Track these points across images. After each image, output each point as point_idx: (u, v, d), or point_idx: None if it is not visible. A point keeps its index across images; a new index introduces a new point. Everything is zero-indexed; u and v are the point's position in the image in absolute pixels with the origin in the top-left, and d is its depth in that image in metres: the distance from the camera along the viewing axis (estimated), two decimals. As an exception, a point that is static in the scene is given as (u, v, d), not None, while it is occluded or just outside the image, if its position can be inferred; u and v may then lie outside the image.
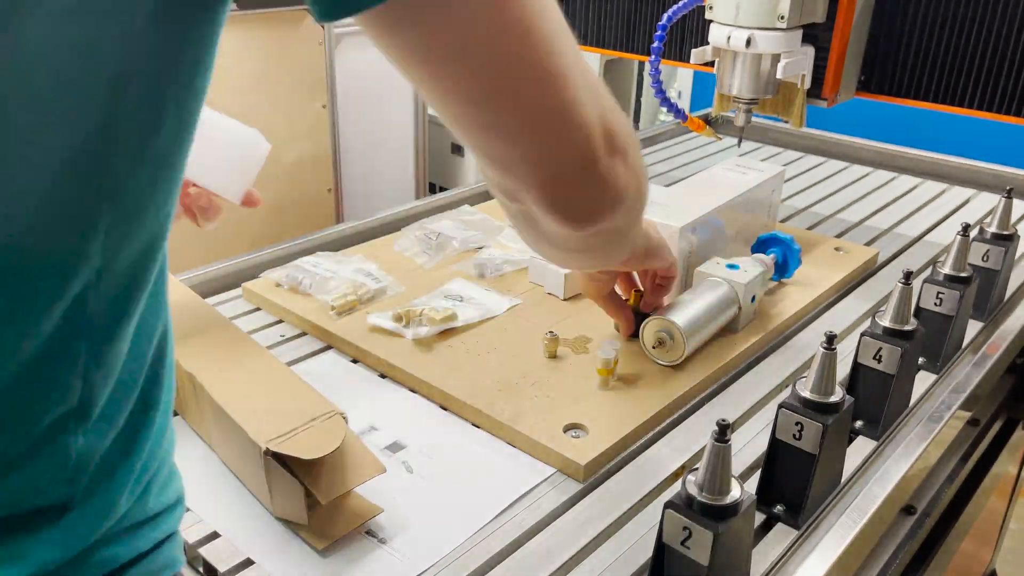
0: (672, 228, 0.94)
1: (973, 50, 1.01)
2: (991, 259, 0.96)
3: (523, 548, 0.65)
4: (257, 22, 2.07)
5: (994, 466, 1.03)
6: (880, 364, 0.76)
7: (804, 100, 1.06)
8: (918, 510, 0.78)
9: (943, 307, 0.87)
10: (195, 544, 0.64)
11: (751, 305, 0.93)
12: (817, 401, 0.65)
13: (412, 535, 0.66)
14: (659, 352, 0.86)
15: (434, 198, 1.32)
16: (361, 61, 2.37)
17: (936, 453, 0.83)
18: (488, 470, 0.73)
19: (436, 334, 0.91)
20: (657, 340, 0.85)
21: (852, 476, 0.73)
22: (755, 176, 1.10)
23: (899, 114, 1.54)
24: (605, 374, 0.82)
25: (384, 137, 2.53)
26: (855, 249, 1.15)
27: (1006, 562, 1.86)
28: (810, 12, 0.98)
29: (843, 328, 0.98)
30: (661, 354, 0.85)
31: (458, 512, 0.68)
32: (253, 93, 2.12)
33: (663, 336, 0.85)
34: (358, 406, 0.82)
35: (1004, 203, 0.96)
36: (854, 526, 0.65)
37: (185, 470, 0.72)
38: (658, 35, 1.04)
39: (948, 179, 1.49)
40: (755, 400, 0.84)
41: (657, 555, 0.57)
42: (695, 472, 0.55)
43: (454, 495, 0.70)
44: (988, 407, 1.00)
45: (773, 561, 0.64)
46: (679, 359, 0.85)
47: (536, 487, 0.71)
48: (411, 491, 0.71)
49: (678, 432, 0.79)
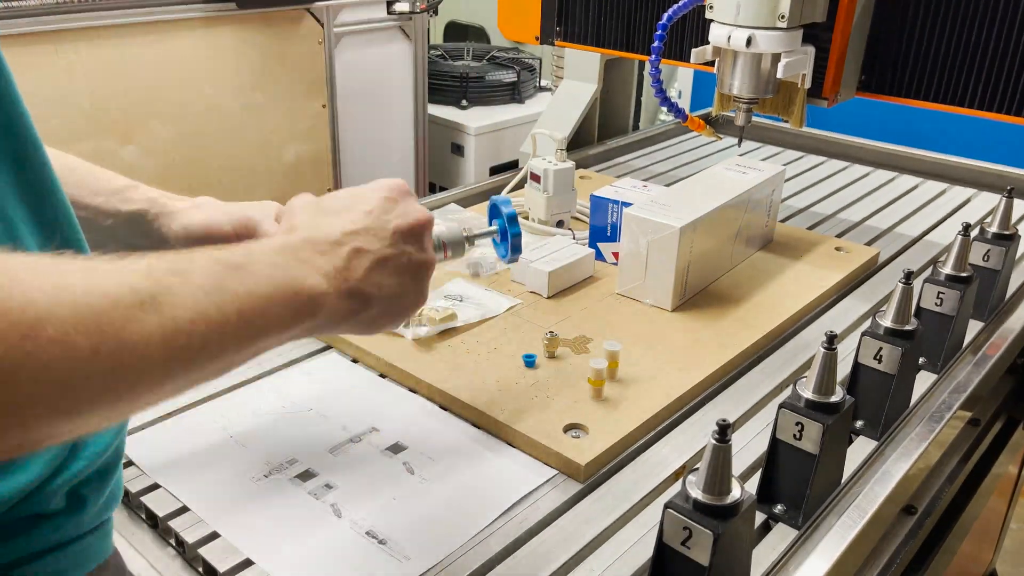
0: (672, 228, 0.94)
1: (974, 50, 1.01)
2: (992, 259, 0.96)
3: (523, 548, 0.65)
4: (257, 22, 2.07)
5: (994, 466, 1.03)
6: (881, 364, 0.76)
7: (804, 100, 1.06)
8: (918, 510, 0.78)
9: (944, 307, 0.87)
10: (195, 544, 0.64)
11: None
12: (818, 401, 0.65)
13: (413, 535, 0.66)
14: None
15: (434, 198, 1.32)
16: (361, 61, 2.37)
17: (936, 453, 0.83)
18: (488, 470, 0.73)
19: (436, 334, 0.91)
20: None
21: (852, 476, 0.73)
22: (755, 176, 1.10)
23: (899, 114, 1.54)
24: (598, 384, 0.80)
25: (384, 137, 2.53)
26: (856, 249, 1.15)
27: (1006, 562, 1.86)
28: (810, 12, 0.98)
29: (844, 328, 0.98)
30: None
31: (459, 512, 0.68)
32: (253, 93, 2.12)
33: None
34: (358, 406, 0.82)
35: (1005, 203, 0.96)
36: (854, 526, 0.64)
37: (185, 470, 0.73)
38: (658, 34, 1.04)
39: (949, 179, 1.49)
40: (755, 400, 0.84)
41: (657, 555, 0.57)
42: (695, 472, 0.55)
43: (455, 495, 0.70)
44: (989, 407, 1.00)
45: (773, 561, 0.64)
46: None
47: (536, 487, 0.71)
48: (412, 491, 0.71)
49: (678, 432, 0.79)
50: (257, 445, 0.76)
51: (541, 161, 1.17)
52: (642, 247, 0.97)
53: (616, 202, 1.06)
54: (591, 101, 1.60)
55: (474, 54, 2.99)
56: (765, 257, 1.12)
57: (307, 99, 2.25)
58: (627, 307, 0.99)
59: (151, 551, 0.66)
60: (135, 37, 1.87)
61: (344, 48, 2.31)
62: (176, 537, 0.66)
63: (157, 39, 1.91)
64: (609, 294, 1.02)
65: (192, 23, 1.96)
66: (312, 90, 2.25)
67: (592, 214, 1.10)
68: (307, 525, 0.67)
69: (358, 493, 0.70)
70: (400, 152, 2.59)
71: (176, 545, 0.66)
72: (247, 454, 0.75)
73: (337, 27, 2.25)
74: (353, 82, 2.36)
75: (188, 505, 0.68)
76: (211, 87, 2.04)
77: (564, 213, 1.19)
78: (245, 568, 0.63)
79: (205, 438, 0.77)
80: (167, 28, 1.92)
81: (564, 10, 1.32)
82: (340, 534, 0.66)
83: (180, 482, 0.71)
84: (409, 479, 0.72)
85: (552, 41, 1.36)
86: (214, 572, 0.62)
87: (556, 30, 1.34)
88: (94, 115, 1.86)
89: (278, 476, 0.72)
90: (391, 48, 2.45)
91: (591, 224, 1.11)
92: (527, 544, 0.65)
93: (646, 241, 0.96)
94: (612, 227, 1.08)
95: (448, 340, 0.91)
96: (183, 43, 1.96)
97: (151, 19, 1.88)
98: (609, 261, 1.09)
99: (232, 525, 0.66)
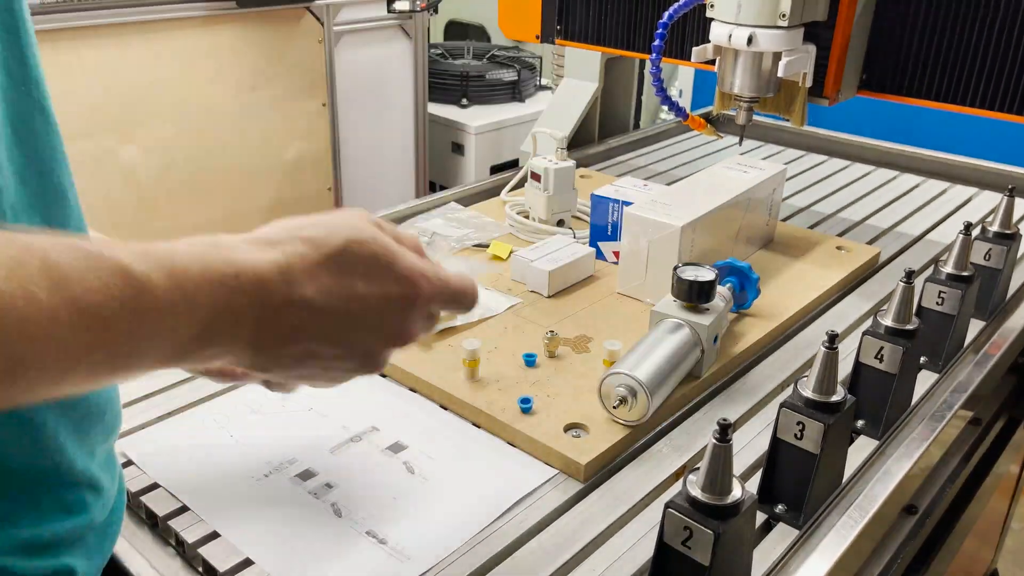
0: (673, 227, 0.94)
1: (975, 48, 1.01)
2: (993, 258, 0.96)
3: (523, 548, 0.65)
4: (256, 20, 2.07)
5: (996, 466, 1.03)
6: (882, 363, 0.76)
7: (805, 98, 1.06)
8: (919, 510, 0.78)
9: (945, 306, 0.87)
10: (195, 544, 0.64)
11: (714, 346, 0.84)
12: (819, 400, 0.65)
13: (413, 535, 0.66)
14: (621, 411, 0.75)
15: (434, 197, 1.32)
16: (361, 59, 2.37)
17: (938, 453, 0.82)
18: (489, 470, 0.73)
19: (436, 333, 0.91)
20: (618, 398, 0.74)
21: (853, 476, 0.73)
22: (756, 175, 1.10)
23: (901, 113, 1.54)
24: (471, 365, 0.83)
25: (384, 136, 2.53)
26: (857, 248, 1.15)
27: (1007, 562, 1.85)
28: (812, 10, 0.98)
29: (845, 327, 0.98)
30: (623, 413, 0.75)
31: (459, 512, 0.68)
32: (253, 92, 2.12)
33: (623, 393, 0.74)
34: (358, 405, 0.81)
35: (1006, 202, 0.95)
36: (855, 526, 0.64)
37: (185, 470, 0.72)
38: (659, 33, 1.04)
39: (950, 178, 1.49)
40: (756, 400, 0.84)
41: (658, 555, 0.57)
42: (696, 472, 0.55)
43: (455, 495, 0.70)
44: (990, 407, 0.99)
45: (774, 561, 0.64)
46: (644, 418, 0.75)
47: (537, 487, 0.71)
48: (412, 491, 0.70)
49: (678, 432, 0.79)
50: (257, 444, 0.76)
51: (542, 160, 1.17)
52: (642, 246, 0.97)
53: (617, 201, 1.06)
54: (592, 100, 1.60)
55: (474, 53, 2.99)
56: (766, 256, 1.12)
57: (307, 98, 2.25)
58: (628, 306, 0.99)
59: (151, 551, 0.65)
60: (135, 36, 1.87)
61: (344, 47, 2.31)
62: (176, 537, 0.65)
63: (157, 38, 1.91)
64: (610, 293, 1.02)
65: (192, 22, 1.96)
66: (312, 89, 2.25)
67: (593, 213, 1.10)
68: (307, 525, 0.66)
69: (358, 493, 0.70)
70: (400, 151, 2.59)
71: (176, 545, 0.66)
72: (247, 453, 0.74)
73: (337, 26, 2.25)
74: (353, 81, 2.36)
75: (188, 505, 0.68)
76: (211, 86, 2.04)
77: (564, 212, 1.19)
78: (245, 568, 0.62)
79: (205, 438, 0.77)
80: (167, 27, 1.92)
81: (565, 9, 1.32)
82: (340, 534, 0.66)
83: (180, 482, 0.70)
84: (410, 479, 0.72)
85: (553, 40, 1.35)
86: (214, 572, 0.62)
87: (557, 29, 1.34)
88: (94, 114, 1.85)
89: (278, 475, 0.72)
90: (391, 47, 2.45)
91: (592, 223, 1.11)
92: (527, 544, 0.65)
93: (647, 240, 0.96)
94: (613, 226, 1.08)
95: (448, 339, 0.90)
96: (183, 42, 1.96)
97: (151, 18, 1.88)
98: (610, 260, 1.09)
99: (232, 525, 0.66)
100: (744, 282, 0.93)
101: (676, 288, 0.81)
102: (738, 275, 0.92)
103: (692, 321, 0.81)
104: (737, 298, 0.93)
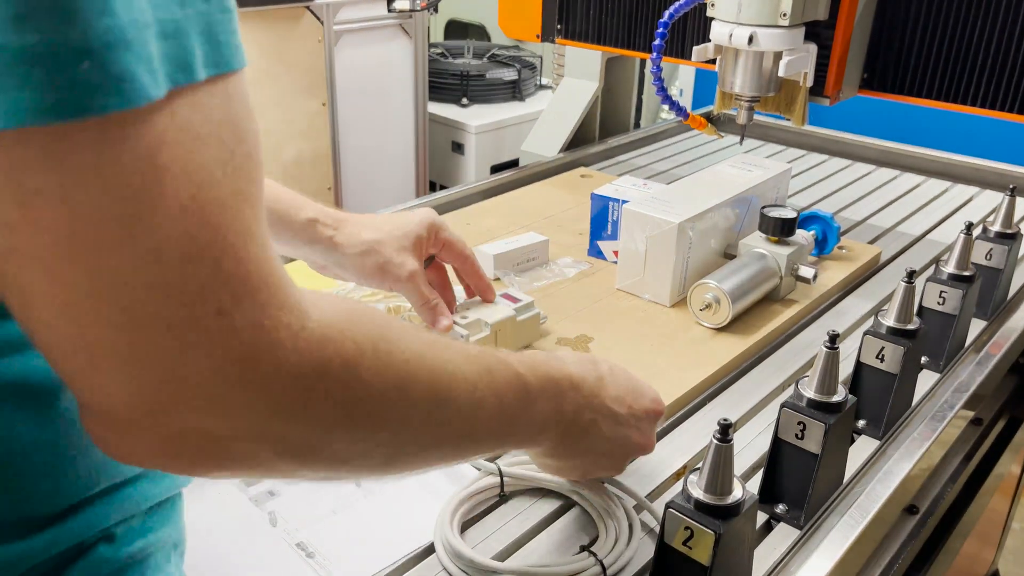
0: (671, 224, 0.94)
1: (976, 48, 1.00)
2: (994, 258, 0.96)
3: (523, 548, 0.65)
4: (256, 19, 2.07)
5: (997, 466, 1.03)
6: (883, 363, 0.76)
7: (806, 98, 1.05)
8: (921, 510, 0.78)
9: (946, 306, 0.87)
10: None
11: (791, 277, 0.99)
12: (820, 400, 0.64)
13: (343, 551, 0.64)
14: (706, 315, 0.92)
15: (434, 196, 1.32)
16: (361, 58, 2.37)
17: (939, 453, 0.82)
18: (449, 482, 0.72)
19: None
20: (704, 304, 0.91)
21: (855, 476, 0.72)
22: (760, 174, 1.09)
23: (902, 112, 1.54)
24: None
25: (384, 135, 2.52)
26: (858, 248, 1.15)
27: (1008, 562, 1.85)
28: (813, 9, 0.98)
29: (846, 327, 0.98)
30: (707, 316, 0.92)
31: (400, 528, 0.66)
32: (252, 91, 2.08)
33: (710, 300, 0.91)
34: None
35: (1008, 201, 0.95)
36: (856, 526, 0.64)
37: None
38: (659, 32, 1.03)
39: (951, 177, 1.49)
40: (757, 400, 0.84)
41: (659, 555, 0.57)
42: (697, 472, 0.55)
43: (400, 511, 0.68)
44: (991, 406, 0.99)
45: (775, 561, 0.63)
46: (724, 321, 0.91)
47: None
48: (353, 505, 0.69)
49: (679, 432, 0.79)
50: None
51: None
52: (640, 243, 0.97)
53: (616, 200, 1.06)
54: (592, 99, 1.59)
55: (475, 52, 2.99)
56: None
57: (307, 97, 2.25)
58: (626, 302, 0.99)
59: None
60: (135, 35, 1.86)
61: (344, 46, 2.30)
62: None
63: (157, 37, 1.90)
64: (609, 292, 1.01)
65: (192, 21, 1.95)
66: (312, 88, 2.25)
67: (592, 212, 1.10)
68: (241, 531, 0.65)
69: (299, 503, 0.68)
70: (400, 150, 2.59)
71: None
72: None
73: (337, 25, 2.25)
74: (353, 80, 2.35)
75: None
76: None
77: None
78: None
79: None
80: (167, 26, 1.91)
81: (565, 8, 1.32)
82: (271, 543, 0.64)
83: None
84: (354, 492, 0.70)
85: (553, 39, 1.35)
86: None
87: (557, 28, 1.34)
88: (94, 113, 1.85)
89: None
90: (391, 46, 2.44)
91: (591, 222, 1.11)
92: (527, 544, 0.65)
93: (644, 237, 0.96)
94: (613, 225, 1.08)
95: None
96: (183, 41, 1.95)
97: (151, 17, 1.88)
98: (610, 260, 1.09)
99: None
100: (826, 229, 1.07)
101: (762, 224, 0.98)
102: (820, 223, 1.07)
103: (773, 251, 0.97)
104: (819, 243, 1.08)
